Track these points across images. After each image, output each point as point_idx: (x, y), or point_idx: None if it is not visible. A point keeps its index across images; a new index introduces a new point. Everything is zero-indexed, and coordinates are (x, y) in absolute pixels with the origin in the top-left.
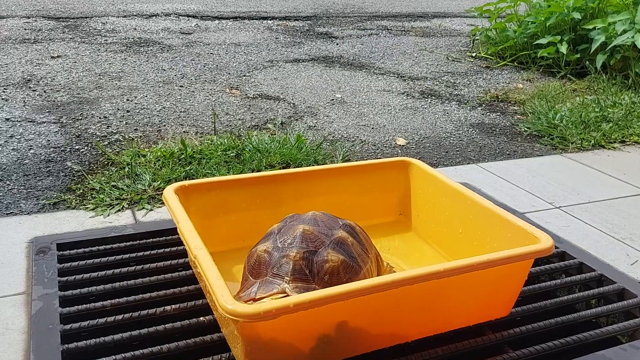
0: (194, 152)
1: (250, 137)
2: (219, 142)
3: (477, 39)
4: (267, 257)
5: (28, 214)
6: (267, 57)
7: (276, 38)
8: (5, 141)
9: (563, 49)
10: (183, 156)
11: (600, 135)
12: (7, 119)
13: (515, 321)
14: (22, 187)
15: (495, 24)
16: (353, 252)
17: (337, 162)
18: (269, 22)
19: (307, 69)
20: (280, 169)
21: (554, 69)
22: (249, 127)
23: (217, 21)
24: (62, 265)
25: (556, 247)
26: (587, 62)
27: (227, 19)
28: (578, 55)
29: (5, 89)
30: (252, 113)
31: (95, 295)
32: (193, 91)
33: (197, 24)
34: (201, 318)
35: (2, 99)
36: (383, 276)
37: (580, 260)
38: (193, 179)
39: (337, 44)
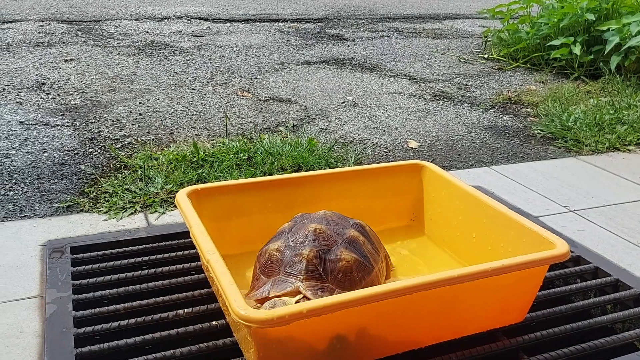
0: (206, 155)
1: (262, 140)
2: (230, 145)
3: (489, 41)
4: (279, 256)
5: (42, 217)
6: (279, 59)
7: (287, 40)
8: (19, 144)
9: (576, 50)
10: (195, 159)
11: (615, 138)
12: (22, 122)
13: (530, 327)
14: (36, 190)
15: (508, 25)
16: (365, 251)
17: (349, 165)
18: (280, 24)
19: (318, 72)
20: (292, 172)
21: (567, 70)
22: (260, 129)
23: (228, 24)
24: (76, 268)
25: (571, 252)
26: (601, 64)
27: (238, 21)
28: (592, 57)
29: (19, 92)
30: (263, 116)
31: (108, 298)
32: (205, 94)
33: (208, 27)
34: (213, 322)
35: (17, 102)
36: (397, 282)
37: (596, 264)
38: (205, 182)
39: (349, 46)
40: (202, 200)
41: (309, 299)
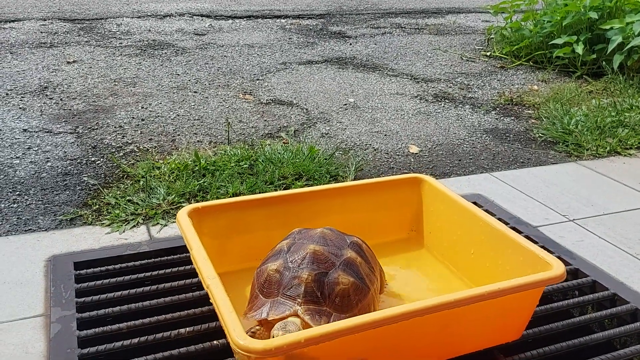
0: (207, 163)
1: (263, 146)
2: (232, 153)
3: (492, 38)
4: (278, 277)
5: (46, 230)
6: (281, 59)
7: (289, 38)
8: (23, 153)
9: (579, 49)
10: (197, 168)
11: (616, 142)
12: (25, 130)
13: (527, 344)
14: (39, 202)
15: (511, 23)
16: (361, 272)
17: (350, 173)
18: (282, 21)
19: (320, 71)
20: (293, 180)
21: (570, 68)
22: (262, 135)
23: (230, 21)
24: (79, 285)
25: (569, 264)
26: (604, 63)
27: (240, 18)
28: (594, 56)
29: (23, 97)
30: (265, 120)
31: (111, 316)
32: (207, 97)
33: (210, 24)
34: (215, 342)
35: (20, 107)
36: (394, 308)
37: (594, 278)
38: (207, 192)
39: (351, 44)
40: (203, 218)
41: (308, 323)
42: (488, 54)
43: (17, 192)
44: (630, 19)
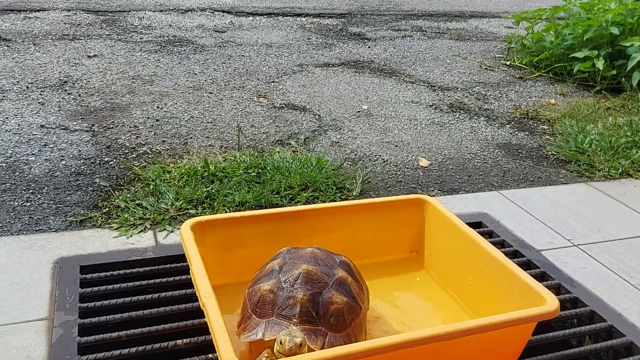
0: (216, 169)
1: (272, 154)
2: (241, 160)
3: (513, 47)
4: (272, 297)
5: (56, 231)
6: (298, 60)
7: (308, 38)
8: (39, 150)
9: (600, 64)
10: (206, 174)
11: (629, 164)
12: (42, 125)
13: None
14: (52, 202)
15: (533, 34)
16: (353, 291)
17: (356, 185)
18: (303, 19)
19: (336, 75)
20: (299, 191)
21: (590, 82)
22: (272, 141)
23: (251, 18)
24: (84, 290)
25: (569, 292)
26: (623, 79)
27: (261, 15)
28: (614, 72)
29: (42, 91)
30: (277, 126)
31: (112, 323)
32: (221, 99)
33: (231, 21)
34: (209, 355)
35: (39, 102)
36: (387, 338)
37: (592, 308)
38: (214, 199)
39: (369, 47)
40: (206, 232)
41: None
42: (508, 63)
43: (31, 191)
44: None
